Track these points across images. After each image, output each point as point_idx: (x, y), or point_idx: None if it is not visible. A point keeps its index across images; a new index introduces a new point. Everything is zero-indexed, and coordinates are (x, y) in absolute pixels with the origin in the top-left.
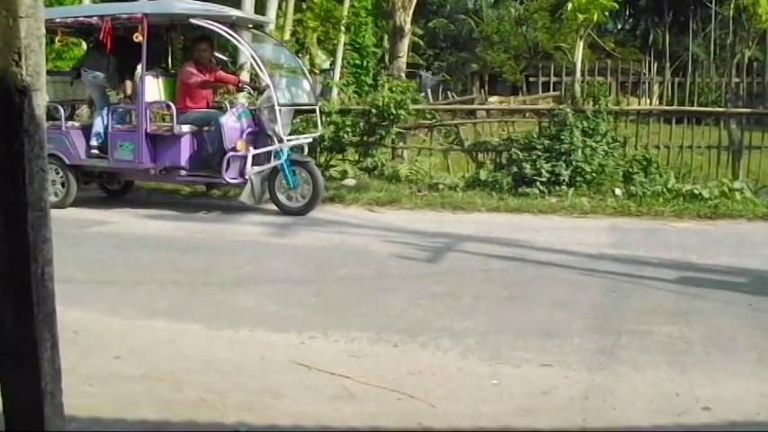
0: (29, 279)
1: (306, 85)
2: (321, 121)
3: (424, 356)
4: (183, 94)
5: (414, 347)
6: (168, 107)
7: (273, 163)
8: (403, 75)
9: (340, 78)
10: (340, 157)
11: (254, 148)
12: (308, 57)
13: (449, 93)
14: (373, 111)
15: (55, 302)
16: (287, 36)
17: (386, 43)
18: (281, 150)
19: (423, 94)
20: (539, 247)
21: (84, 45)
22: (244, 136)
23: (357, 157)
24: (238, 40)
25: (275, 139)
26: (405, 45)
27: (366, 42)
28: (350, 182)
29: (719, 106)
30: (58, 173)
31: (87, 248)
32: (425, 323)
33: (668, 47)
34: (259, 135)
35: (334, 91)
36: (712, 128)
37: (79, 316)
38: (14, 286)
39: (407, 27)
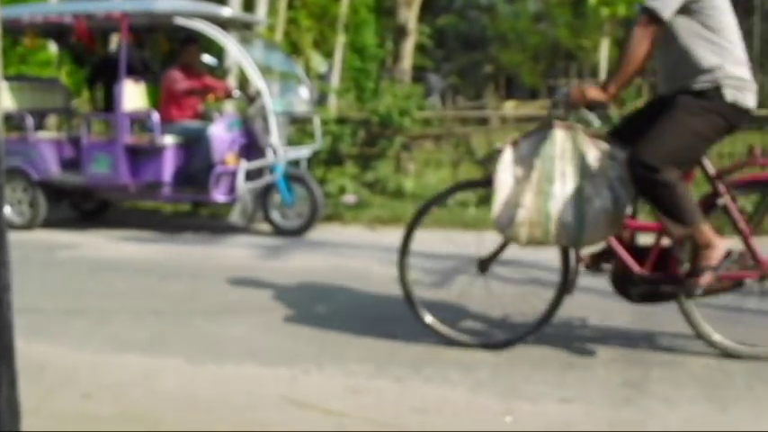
0: None
1: (303, 91)
2: (317, 132)
3: (429, 391)
4: (167, 102)
5: (418, 382)
6: (150, 117)
7: (267, 178)
8: (408, 78)
9: (339, 83)
10: (338, 170)
11: (246, 162)
12: (302, 60)
13: (460, 98)
14: (374, 119)
15: (13, 334)
16: (279, 37)
17: (389, 44)
18: (277, 164)
19: (431, 97)
20: (557, 269)
21: (56, 48)
22: (234, 148)
23: (357, 171)
24: (229, 43)
25: (269, 151)
26: (410, 46)
27: (367, 43)
28: (349, 198)
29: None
30: (25, 190)
31: (55, 275)
32: (432, 355)
33: None
34: (251, 147)
35: (332, 97)
36: (754, 133)
37: (45, 350)
38: None
39: (412, 26)
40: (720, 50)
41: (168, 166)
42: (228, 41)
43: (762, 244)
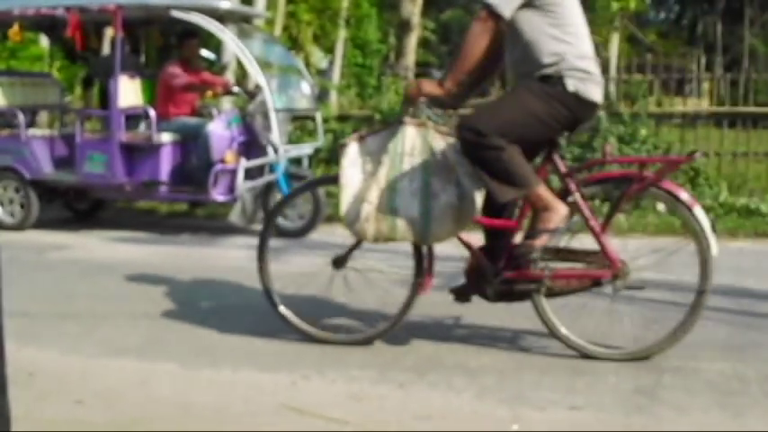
0: None
1: (304, 87)
2: (320, 130)
3: (433, 398)
4: (164, 98)
5: (422, 388)
6: (146, 113)
7: (268, 177)
8: (411, 74)
9: (340, 79)
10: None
11: (246, 161)
12: (302, 55)
13: None
14: (377, 116)
15: (3, 339)
16: (278, 31)
17: (392, 39)
18: (277, 163)
19: None
20: None
21: (47, 42)
22: (234, 146)
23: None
24: (227, 37)
25: (270, 149)
26: (413, 41)
27: (369, 38)
28: None
29: None
30: (17, 190)
31: (46, 277)
32: (436, 360)
33: (720, 38)
34: (251, 145)
35: (333, 94)
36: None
37: (35, 355)
38: None
39: (416, 20)
40: (564, 44)
41: (165, 165)
42: (227, 35)
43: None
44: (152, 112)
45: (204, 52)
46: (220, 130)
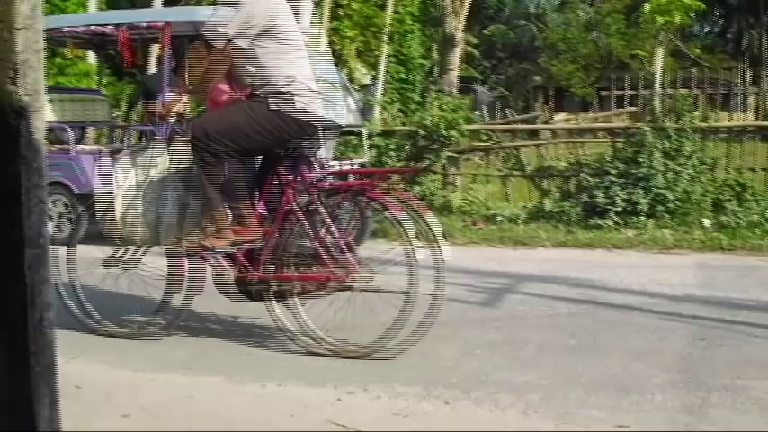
0: (25, 326)
1: (350, 102)
2: (365, 145)
3: (479, 415)
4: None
5: (468, 404)
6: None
7: None
8: (455, 90)
9: (383, 95)
10: (383, 185)
11: (292, 176)
12: (346, 71)
13: (508, 110)
14: (421, 132)
15: (55, 353)
16: (322, 47)
17: (435, 54)
18: (324, 178)
19: (478, 112)
20: (613, 288)
21: (95, 58)
22: None
23: (403, 186)
24: None
25: (316, 165)
26: (456, 56)
27: (412, 53)
28: None
29: None
30: (66, 205)
31: (95, 290)
32: (481, 376)
33: (766, 52)
34: (297, 161)
35: (377, 109)
36: None
37: (83, 368)
38: (8, 333)
39: (459, 35)
40: (287, 67)
41: None
42: None
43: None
44: None
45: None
46: None
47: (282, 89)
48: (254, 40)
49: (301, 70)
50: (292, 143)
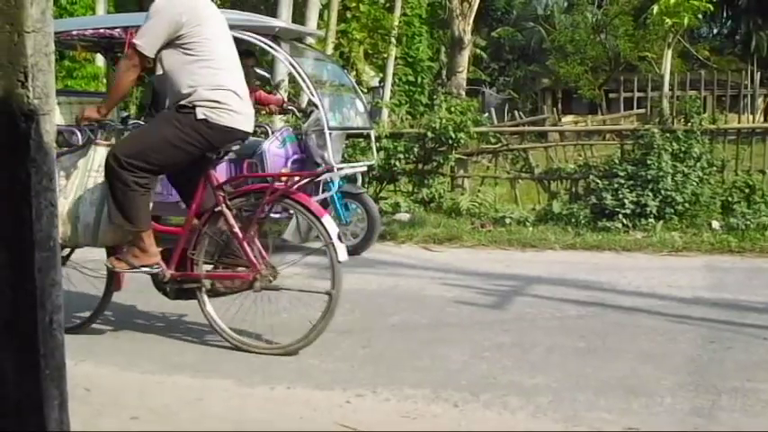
0: (35, 328)
1: (358, 105)
2: (374, 147)
3: (488, 417)
4: None
5: (477, 407)
6: None
7: (322, 195)
8: (463, 92)
9: (391, 97)
10: (391, 187)
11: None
12: (354, 73)
13: (516, 112)
14: (429, 134)
15: (64, 355)
16: (330, 50)
17: (443, 56)
18: (332, 181)
19: (486, 114)
20: (622, 291)
21: (103, 61)
22: (288, 164)
23: (411, 188)
24: (282, 55)
25: (325, 167)
26: (465, 58)
27: (420, 56)
28: (403, 216)
29: None
30: None
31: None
32: (490, 379)
33: None
34: (306, 163)
35: (385, 112)
36: None
37: (91, 370)
38: (18, 336)
39: (467, 38)
40: (200, 77)
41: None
42: (281, 54)
43: None
44: None
45: (259, 71)
46: (275, 149)
47: (209, 98)
48: (177, 48)
49: (228, 78)
50: (223, 148)
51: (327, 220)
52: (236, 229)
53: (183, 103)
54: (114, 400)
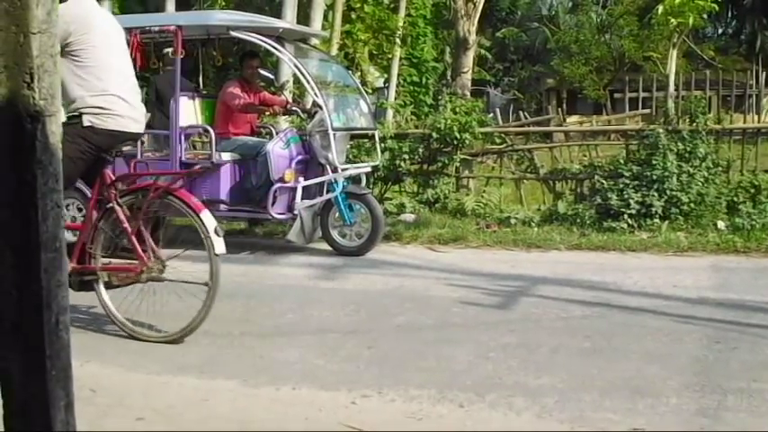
0: (41, 329)
1: (363, 106)
2: (378, 148)
3: (494, 418)
4: (223, 117)
5: (482, 407)
6: (206, 132)
7: (327, 196)
8: (468, 93)
9: (395, 98)
10: (396, 188)
11: (305, 179)
12: (358, 74)
13: (521, 113)
14: (434, 135)
15: (70, 356)
16: (334, 50)
17: (448, 57)
18: (336, 181)
19: (491, 114)
20: (627, 291)
21: None
22: (293, 165)
23: (416, 189)
24: (286, 56)
25: (329, 168)
26: (469, 59)
27: (425, 56)
28: (408, 217)
29: None
30: (80, 209)
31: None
32: (495, 379)
33: None
34: (310, 164)
35: (389, 112)
36: None
37: (97, 371)
38: (24, 337)
39: (472, 38)
40: (85, 84)
41: (225, 183)
42: (285, 55)
43: None
44: (211, 132)
45: (263, 72)
46: (279, 149)
47: (94, 104)
48: (67, 56)
49: (113, 84)
50: (114, 149)
51: (206, 215)
52: (126, 225)
53: (71, 113)
54: (120, 400)
